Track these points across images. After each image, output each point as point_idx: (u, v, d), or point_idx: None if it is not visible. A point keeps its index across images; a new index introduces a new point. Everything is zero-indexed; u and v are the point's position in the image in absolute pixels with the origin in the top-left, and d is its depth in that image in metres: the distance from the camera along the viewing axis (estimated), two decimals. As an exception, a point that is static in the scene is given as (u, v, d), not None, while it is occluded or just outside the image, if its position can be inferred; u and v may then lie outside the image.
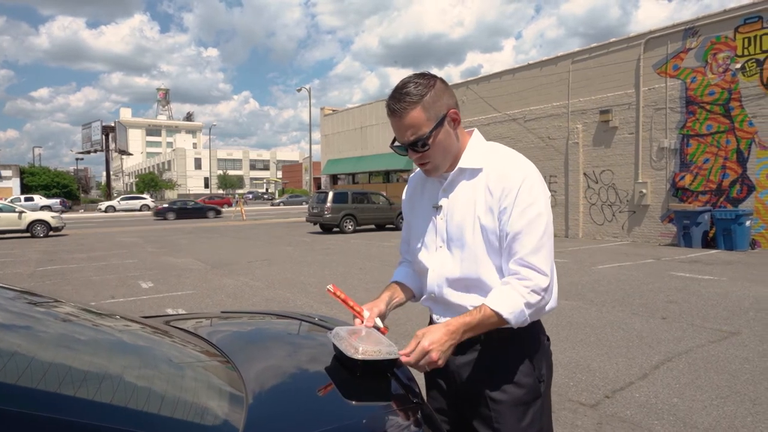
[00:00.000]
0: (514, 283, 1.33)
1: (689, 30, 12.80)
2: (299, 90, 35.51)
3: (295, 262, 10.78)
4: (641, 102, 13.74)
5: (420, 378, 1.58)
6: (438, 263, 1.47)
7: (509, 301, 1.31)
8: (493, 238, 1.37)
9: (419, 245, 1.53)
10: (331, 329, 1.56)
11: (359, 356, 1.26)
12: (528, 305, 1.32)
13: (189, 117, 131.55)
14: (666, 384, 3.80)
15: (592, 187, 15.14)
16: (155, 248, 14.19)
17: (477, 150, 1.45)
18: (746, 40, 11.81)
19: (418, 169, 1.58)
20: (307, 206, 19.21)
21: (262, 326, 1.92)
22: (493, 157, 1.42)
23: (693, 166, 12.87)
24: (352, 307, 1.45)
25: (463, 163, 1.43)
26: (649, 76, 13.60)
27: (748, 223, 11.40)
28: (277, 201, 54.93)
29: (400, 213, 19.05)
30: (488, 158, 1.42)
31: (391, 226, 19.56)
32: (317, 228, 19.38)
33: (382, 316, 1.48)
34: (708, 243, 12.09)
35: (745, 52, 11.82)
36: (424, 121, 1.35)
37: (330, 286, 1.47)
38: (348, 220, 18.23)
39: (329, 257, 11.59)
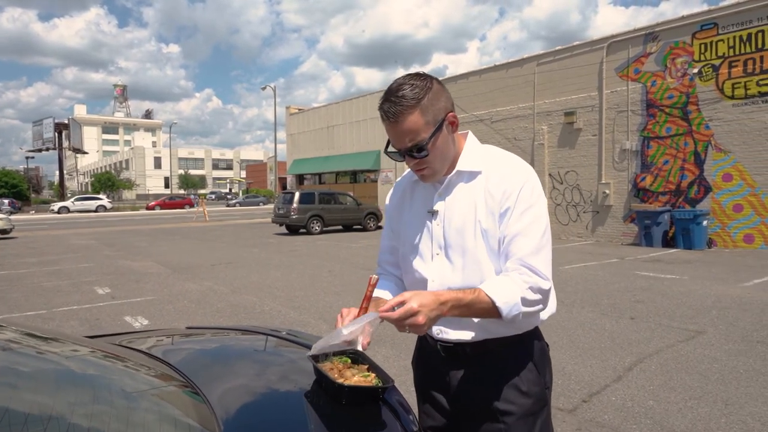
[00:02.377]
0: (513, 276, 1.25)
1: (649, 35, 13.16)
2: (264, 88, 34.87)
3: (262, 265, 10.49)
4: (604, 104, 14.05)
5: (411, 396, 1.46)
6: (437, 273, 1.37)
7: (505, 290, 1.22)
8: (494, 242, 1.31)
9: (413, 254, 1.42)
10: (307, 346, 1.42)
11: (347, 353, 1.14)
12: (524, 301, 1.22)
13: (148, 114, 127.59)
14: (640, 386, 3.80)
15: (557, 187, 15.39)
16: (112, 251, 13.59)
17: (474, 153, 1.38)
18: (703, 46, 12.23)
19: (405, 173, 1.50)
20: (264, 207, 18.66)
21: (232, 346, 1.74)
22: (492, 159, 1.36)
23: (653, 167, 13.25)
24: (365, 308, 1.28)
25: (461, 165, 1.36)
26: (611, 79, 13.92)
27: (705, 222, 11.80)
28: (233, 202, 53.17)
29: (369, 214, 19.19)
30: (487, 161, 1.35)
31: (359, 227, 19.41)
32: (283, 229, 19.03)
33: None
34: (668, 242, 12.46)
35: (702, 58, 12.24)
36: (422, 126, 1.26)
37: (374, 276, 1.30)
38: (315, 221, 17.96)
39: (296, 259, 11.35)
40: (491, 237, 1.30)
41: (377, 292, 1.48)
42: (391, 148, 1.34)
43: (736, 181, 11.80)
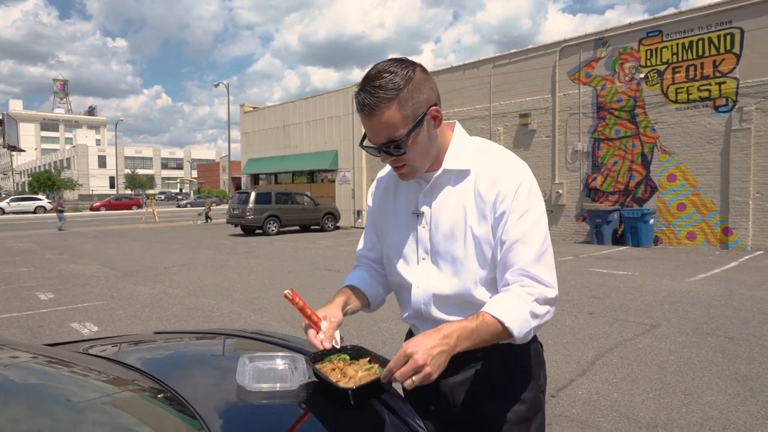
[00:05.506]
0: (516, 290, 1.16)
1: (599, 40, 13.66)
2: (216, 85, 33.87)
3: (218, 267, 10.16)
4: (557, 107, 14.47)
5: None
6: (423, 278, 1.28)
7: (512, 308, 1.12)
8: (487, 248, 1.21)
9: (396, 257, 1.33)
10: (284, 346, 1.33)
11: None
12: (533, 315, 1.14)
13: (91, 111, 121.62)
14: (604, 379, 3.89)
15: (512, 187, 15.72)
16: (54, 255, 12.82)
17: (462, 149, 1.26)
18: (649, 52, 12.80)
19: (388, 168, 1.38)
20: (216, 207, 18.15)
21: (207, 350, 1.62)
22: (482, 156, 1.25)
23: (603, 168, 13.76)
24: (309, 317, 1.22)
25: (447, 164, 1.24)
26: (564, 82, 14.35)
27: (651, 221, 12.36)
28: (184, 202, 51.84)
29: (327, 214, 18.99)
30: (477, 158, 1.24)
31: (317, 227, 19.18)
32: (238, 230, 18.56)
33: (340, 326, 1.26)
34: (617, 240, 12.96)
35: (648, 63, 12.81)
36: (399, 121, 1.13)
37: (288, 291, 1.21)
38: (272, 222, 17.60)
39: (254, 261, 11.06)
40: (483, 242, 1.21)
41: (351, 280, 1.42)
42: (367, 142, 1.22)
43: (679, 182, 12.41)
